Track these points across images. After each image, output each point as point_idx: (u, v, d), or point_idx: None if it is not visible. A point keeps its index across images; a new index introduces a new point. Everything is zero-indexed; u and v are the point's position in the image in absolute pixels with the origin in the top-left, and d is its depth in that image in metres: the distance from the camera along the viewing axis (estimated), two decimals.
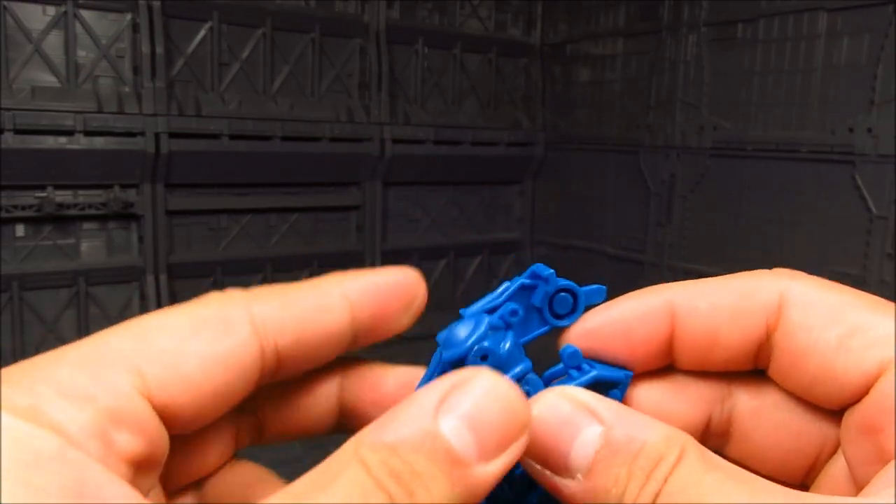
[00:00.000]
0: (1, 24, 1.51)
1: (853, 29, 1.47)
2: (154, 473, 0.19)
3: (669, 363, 0.23)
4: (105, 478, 0.16)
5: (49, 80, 1.59)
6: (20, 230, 1.63)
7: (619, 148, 2.04)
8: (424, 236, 2.22)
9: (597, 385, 0.22)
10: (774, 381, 0.22)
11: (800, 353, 0.20)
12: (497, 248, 2.35)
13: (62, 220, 1.66)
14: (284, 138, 1.83)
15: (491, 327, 0.21)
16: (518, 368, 0.21)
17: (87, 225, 1.70)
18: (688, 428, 0.21)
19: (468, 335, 0.21)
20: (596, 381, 0.22)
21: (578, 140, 2.19)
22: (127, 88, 1.66)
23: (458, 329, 0.21)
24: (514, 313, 0.22)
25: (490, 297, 0.22)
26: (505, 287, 0.22)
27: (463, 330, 0.21)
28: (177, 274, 1.80)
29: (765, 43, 1.64)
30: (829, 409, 0.21)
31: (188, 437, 0.21)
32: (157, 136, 1.64)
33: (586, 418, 0.19)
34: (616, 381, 0.22)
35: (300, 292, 0.21)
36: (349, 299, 0.22)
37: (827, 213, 1.53)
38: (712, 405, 0.23)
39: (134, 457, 0.17)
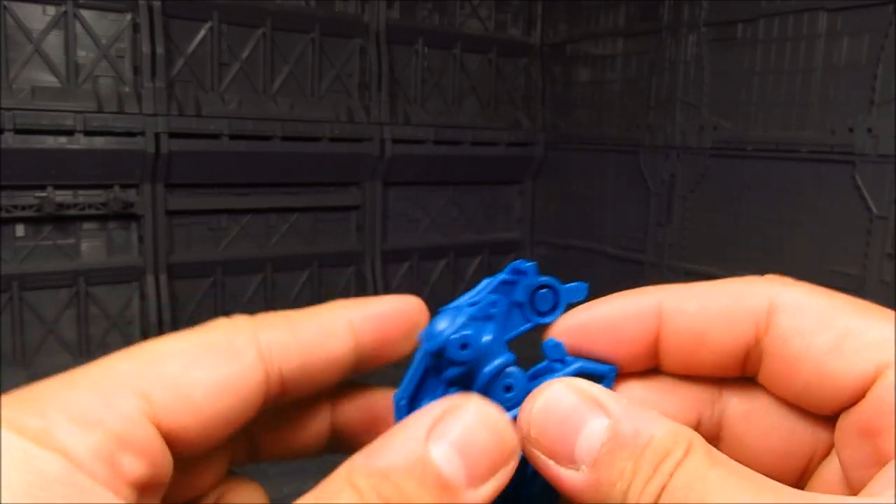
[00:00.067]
0: (1, 24, 1.51)
1: (853, 29, 1.47)
2: (157, 495, 0.19)
3: (656, 366, 0.23)
4: (107, 500, 0.16)
5: (49, 80, 1.59)
6: (20, 230, 1.63)
7: (619, 148, 2.04)
8: (424, 236, 2.22)
9: (581, 377, 0.21)
10: (764, 388, 0.22)
11: (792, 358, 0.20)
12: (497, 248, 2.35)
13: (62, 220, 1.66)
14: (284, 138, 1.83)
15: (471, 318, 0.21)
16: (499, 360, 0.21)
17: (87, 225, 1.70)
18: None
19: (447, 326, 0.21)
20: (579, 374, 0.22)
21: (578, 140, 2.20)
22: (127, 88, 1.66)
23: (438, 322, 0.21)
24: (493, 304, 0.22)
25: (471, 293, 0.22)
26: (486, 283, 0.23)
27: (442, 322, 0.21)
28: (177, 274, 1.80)
29: (765, 43, 1.64)
30: (820, 412, 0.21)
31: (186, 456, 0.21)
32: (157, 136, 1.64)
33: (593, 410, 0.19)
34: (601, 375, 0.22)
35: (305, 319, 0.22)
36: (352, 326, 0.22)
37: (827, 213, 1.53)
38: (702, 407, 0.23)
39: (138, 479, 0.18)
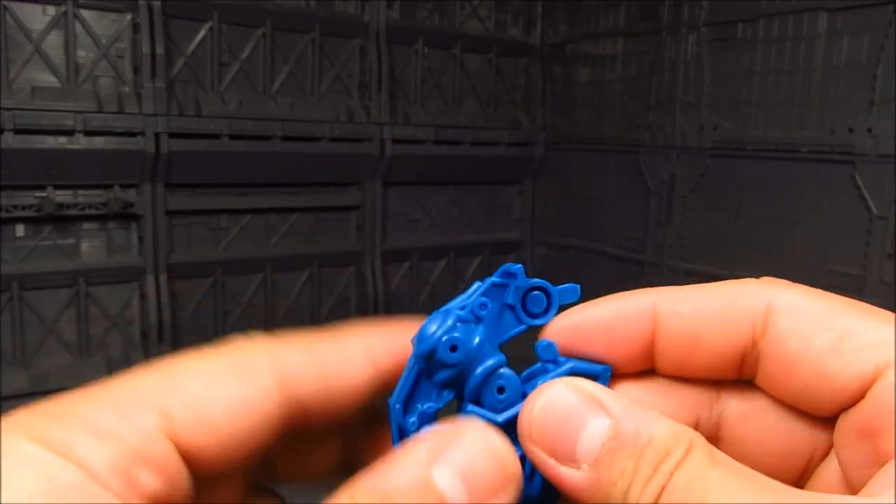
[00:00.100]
0: (1, 24, 1.51)
1: (853, 29, 1.47)
2: None
3: (651, 367, 0.23)
4: None
5: (49, 80, 1.59)
6: (20, 230, 1.63)
7: (619, 148, 2.04)
8: (424, 236, 2.22)
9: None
10: (762, 390, 0.22)
11: (791, 360, 0.20)
12: (497, 248, 2.35)
13: (62, 220, 1.66)
14: (284, 138, 1.83)
15: (460, 320, 0.21)
16: (490, 362, 0.21)
17: (87, 225, 1.70)
18: None
19: (437, 329, 0.21)
20: (572, 373, 0.22)
21: (578, 140, 2.20)
22: (127, 88, 1.66)
23: (429, 325, 0.21)
24: (483, 306, 0.22)
25: (462, 296, 0.22)
26: (476, 287, 0.23)
27: (433, 325, 0.21)
28: (177, 274, 1.80)
29: (765, 43, 1.64)
30: (819, 414, 0.21)
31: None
32: (157, 136, 1.64)
33: (593, 409, 0.19)
34: (595, 375, 0.22)
35: (325, 344, 0.22)
36: (372, 353, 0.23)
37: (827, 213, 1.53)
38: (699, 409, 0.23)
39: (154, 494, 0.18)
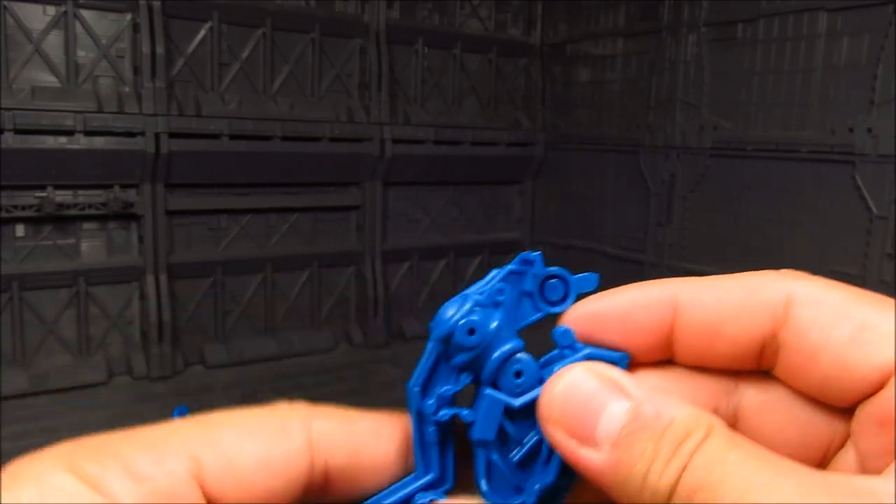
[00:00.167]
0: (1, 24, 1.51)
1: (853, 29, 1.47)
2: None
3: (669, 357, 0.23)
4: None
5: (49, 80, 1.59)
6: (20, 230, 1.63)
7: (619, 148, 2.04)
8: (424, 236, 2.22)
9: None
10: (780, 381, 0.22)
11: (811, 350, 0.20)
12: (497, 248, 2.35)
13: (62, 220, 1.65)
14: (284, 138, 1.83)
15: (478, 305, 0.22)
16: (507, 346, 0.21)
17: (87, 225, 1.70)
18: None
19: (455, 312, 0.21)
20: (589, 359, 0.22)
21: (578, 140, 2.20)
22: (127, 88, 1.66)
23: (447, 309, 0.21)
24: (500, 292, 0.22)
25: (480, 283, 0.23)
26: (494, 274, 0.23)
27: (450, 309, 0.21)
28: (177, 274, 1.80)
29: (765, 43, 1.64)
30: (838, 404, 0.21)
31: None
32: (157, 136, 1.64)
33: (614, 393, 0.19)
34: (612, 363, 0.22)
35: (359, 416, 0.23)
36: (403, 433, 0.23)
37: (827, 213, 1.53)
38: (717, 399, 0.23)
39: None
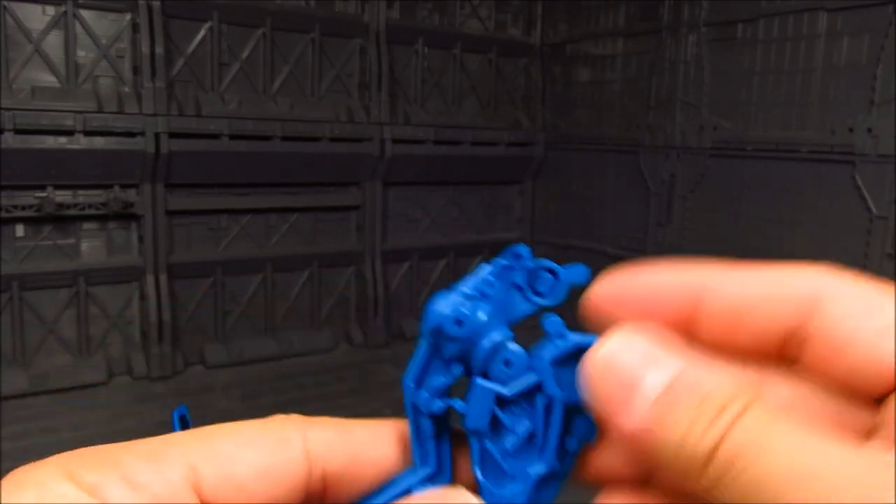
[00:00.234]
0: (1, 24, 1.51)
1: (853, 29, 1.47)
2: None
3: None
4: None
5: (49, 80, 1.59)
6: (20, 230, 1.63)
7: (619, 148, 2.04)
8: (424, 236, 2.22)
9: (580, 352, 0.22)
10: (803, 375, 0.22)
11: (840, 342, 0.20)
12: (497, 248, 2.35)
13: (62, 220, 1.66)
14: (284, 138, 1.83)
15: (467, 297, 0.22)
16: (496, 335, 0.22)
17: (87, 225, 1.70)
18: None
19: (444, 304, 0.22)
20: (578, 347, 0.22)
21: (578, 140, 2.20)
22: (127, 88, 1.66)
23: (436, 303, 0.22)
24: (489, 284, 0.23)
25: (471, 278, 0.23)
26: (484, 268, 0.23)
27: (440, 302, 0.22)
28: (177, 274, 1.80)
29: (765, 43, 1.64)
30: (865, 397, 0.21)
31: None
32: (157, 136, 1.64)
33: (655, 360, 0.19)
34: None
35: (355, 423, 0.23)
36: (401, 437, 0.23)
37: (827, 213, 1.53)
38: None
39: None
